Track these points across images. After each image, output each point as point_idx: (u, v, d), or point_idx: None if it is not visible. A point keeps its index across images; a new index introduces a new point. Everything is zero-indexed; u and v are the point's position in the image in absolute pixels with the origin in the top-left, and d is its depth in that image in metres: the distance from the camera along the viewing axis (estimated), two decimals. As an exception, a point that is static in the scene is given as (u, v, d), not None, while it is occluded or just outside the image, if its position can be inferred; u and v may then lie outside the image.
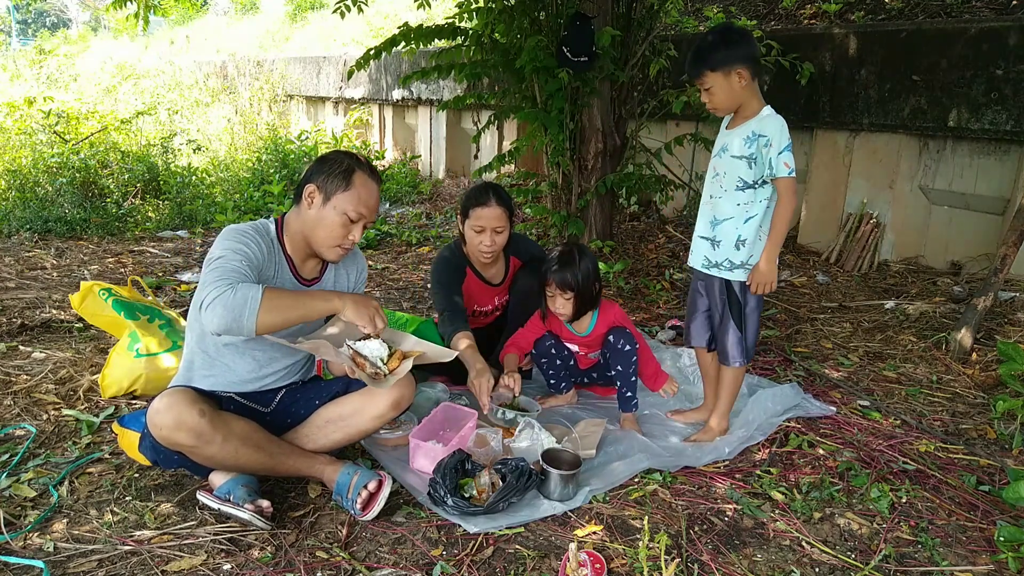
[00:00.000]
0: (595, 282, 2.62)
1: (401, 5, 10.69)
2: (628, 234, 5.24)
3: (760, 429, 2.56)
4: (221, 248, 1.96)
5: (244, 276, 1.88)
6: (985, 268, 3.89)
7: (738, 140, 2.27)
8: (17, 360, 3.01)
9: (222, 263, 1.90)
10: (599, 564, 1.80)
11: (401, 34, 4.25)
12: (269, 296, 1.82)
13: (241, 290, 1.80)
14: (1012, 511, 2.10)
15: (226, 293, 1.79)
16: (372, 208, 2.09)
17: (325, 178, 2.04)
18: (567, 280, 2.55)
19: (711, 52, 2.18)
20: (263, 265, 2.02)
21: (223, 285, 1.81)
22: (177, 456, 1.96)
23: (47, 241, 5.20)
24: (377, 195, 2.12)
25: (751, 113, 2.27)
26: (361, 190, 2.05)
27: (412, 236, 5.67)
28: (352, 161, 2.08)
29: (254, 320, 1.80)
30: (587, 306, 2.66)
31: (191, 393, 1.92)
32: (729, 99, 2.24)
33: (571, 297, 2.58)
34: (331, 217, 2.04)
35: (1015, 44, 3.67)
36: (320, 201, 2.04)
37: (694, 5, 6.59)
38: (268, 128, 9.24)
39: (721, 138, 2.36)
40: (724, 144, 2.33)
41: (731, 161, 2.29)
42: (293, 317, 1.89)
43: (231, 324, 1.79)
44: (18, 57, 12.38)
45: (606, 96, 4.43)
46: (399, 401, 2.14)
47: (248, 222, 2.10)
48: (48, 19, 27.73)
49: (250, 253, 1.97)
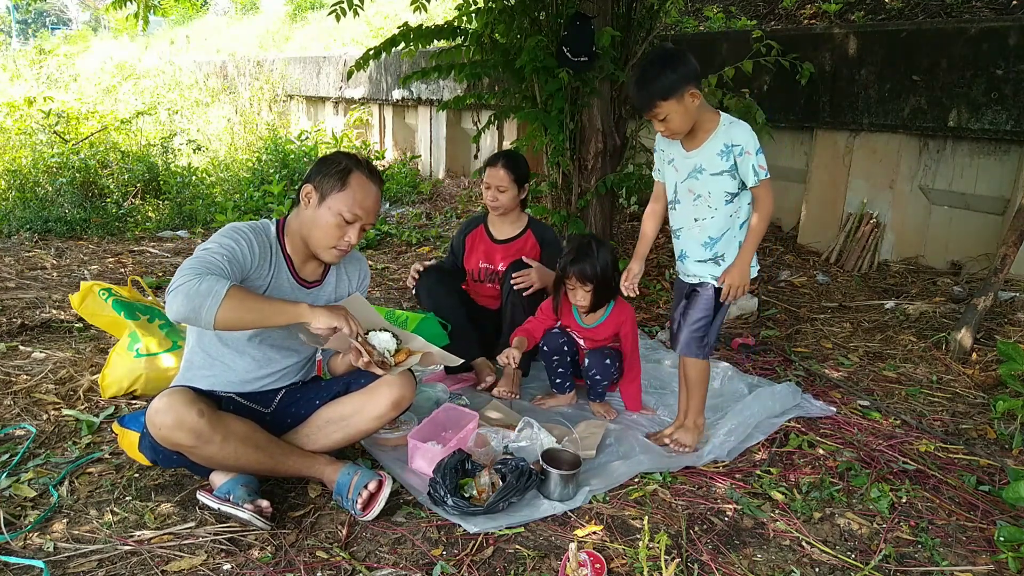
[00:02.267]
0: (614, 273, 2.64)
1: (401, 5, 10.68)
2: (628, 234, 5.23)
3: (760, 429, 2.56)
4: (211, 241, 1.96)
5: (219, 271, 1.86)
6: (985, 268, 3.89)
7: (712, 157, 2.24)
8: (17, 360, 3.01)
9: (203, 255, 1.89)
10: (599, 564, 1.80)
11: (401, 34, 4.25)
12: (233, 294, 1.79)
13: (207, 282, 1.78)
14: (1012, 511, 2.10)
15: (191, 282, 1.78)
16: (369, 209, 2.07)
17: (322, 178, 2.04)
18: (587, 272, 2.58)
19: (658, 81, 2.14)
20: (254, 265, 2.00)
21: (192, 274, 1.80)
22: (176, 456, 1.95)
23: (47, 241, 5.20)
24: (376, 196, 2.09)
25: (712, 126, 2.24)
26: (357, 191, 2.03)
27: (412, 236, 5.67)
28: (350, 162, 2.07)
29: (213, 314, 1.77)
30: (604, 298, 2.69)
31: (190, 393, 1.92)
32: (686, 122, 2.21)
33: (591, 289, 2.61)
34: (326, 217, 2.02)
35: (1015, 44, 3.67)
36: (316, 201, 2.04)
37: (694, 5, 6.58)
38: (268, 128, 9.24)
39: (686, 160, 2.31)
40: (696, 165, 2.28)
41: (712, 179, 2.26)
42: (249, 320, 1.86)
43: (189, 314, 1.78)
44: (18, 57, 12.37)
45: (606, 96, 4.43)
46: (399, 401, 2.13)
47: (249, 221, 2.10)
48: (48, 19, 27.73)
49: (237, 250, 1.95)
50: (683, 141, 2.31)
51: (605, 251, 2.63)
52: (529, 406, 2.83)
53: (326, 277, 2.22)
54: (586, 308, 2.70)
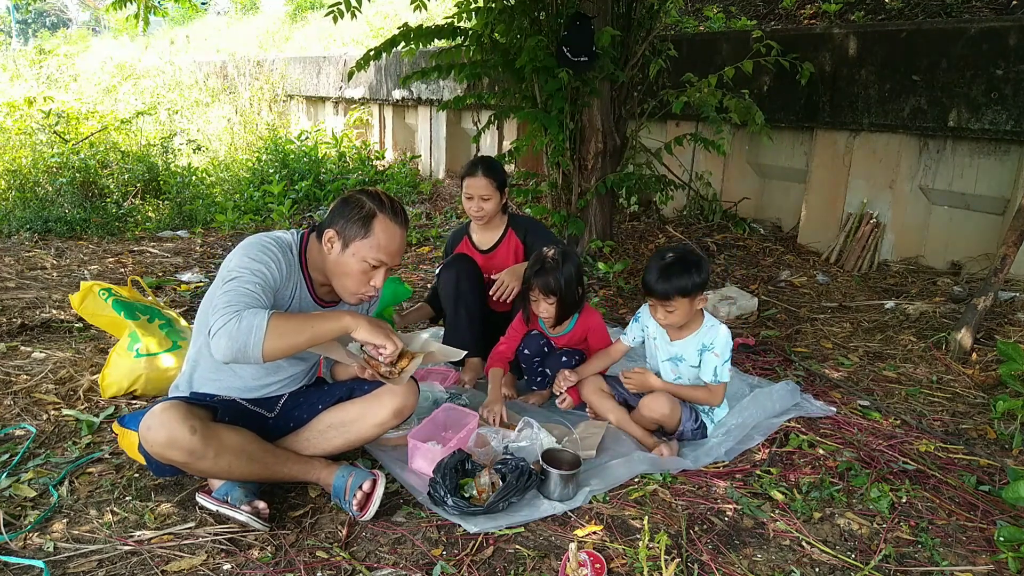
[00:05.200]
0: (578, 287, 2.64)
1: (401, 5, 10.68)
2: (628, 234, 5.24)
3: (760, 429, 2.56)
4: (239, 264, 1.89)
5: (255, 300, 1.82)
6: (985, 268, 3.89)
7: (691, 351, 2.48)
8: (17, 360, 3.01)
9: (235, 285, 1.84)
10: (599, 564, 1.80)
11: (401, 34, 4.25)
12: (275, 324, 1.75)
13: (246, 318, 1.74)
14: (1012, 511, 2.10)
15: (231, 323, 1.74)
16: (394, 253, 1.98)
17: (344, 223, 1.96)
18: (550, 285, 2.59)
19: (682, 279, 2.31)
20: (281, 284, 1.95)
21: (229, 313, 1.75)
22: (170, 467, 1.95)
23: (47, 241, 5.20)
24: (401, 239, 2.00)
25: (697, 326, 2.47)
26: (381, 236, 1.95)
27: (412, 236, 5.67)
28: (374, 204, 1.97)
29: (260, 349, 1.74)
30: (569, 310, 2.69)
31: (183, 408, 1.86)
32: (687, 318, 2.42)
33: (554, 302, 2.62)
34: (351, 264, 1.96)
35: (1015, 44, 3.67)
36: (339, 248, 1.97)
37: (694, 5, 6.58)
38: (268, 128, 9.24)
39: (668, 347, 2.52)
40: (677, 354, 2.51)
41: (691, 369, 2.51)
42: (301, 342, 1.82)
43: (237, 355, 1.75)
44: (18, 57, 12.36)
45: (606, 96, 4.43)
46: (401, 410, 2.13)
47: (273, 233, 2.03)
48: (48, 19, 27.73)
49: (268, 275, 1.90)
50: (669, 330, 2.50)
51: (570, 264, 2.61)
52: (523, 405, 2.82)
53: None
54: (550, 321, 2.69)
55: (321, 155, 7.98)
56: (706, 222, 5.32)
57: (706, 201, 5.37)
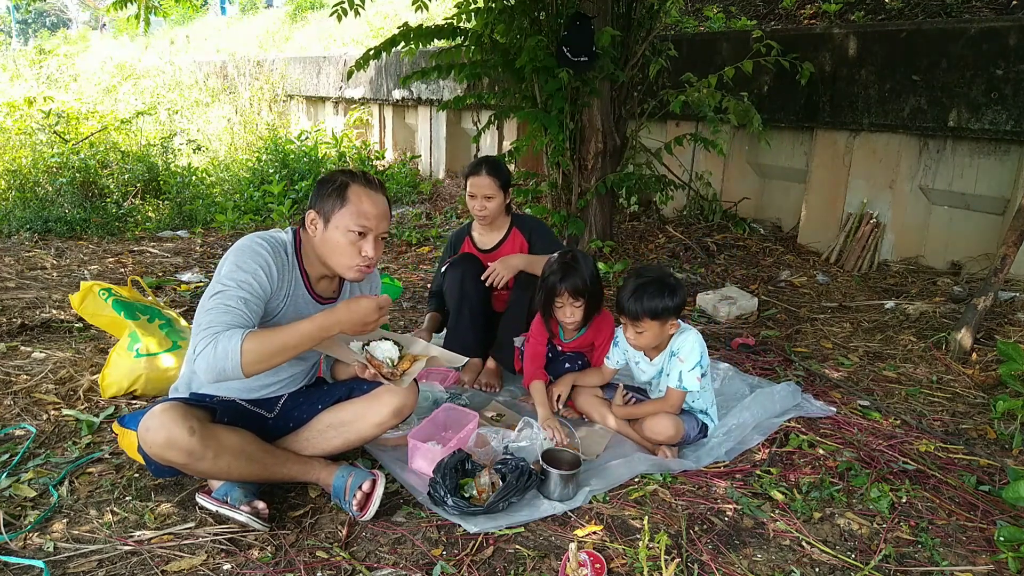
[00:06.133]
0: (600, 283, 2.63)
1: (401, 5, 10.68)
2: (628, 234, 5.24)
3: (760, 429, 2.56)
4: (227, 273, 1.89)
5: (237, 318, 1.82)
6: (985, 268, 3.89)
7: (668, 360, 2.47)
8: (17, 360, 3.01)
9: (219, 301, 1.84)
10: (599, 564, 1.80)
11: (401, 34, 4.25)
12: (248, 347, 1.76)
13: (222, 343, 1.76)
14: (1012, 511, 2.10)
15: (207, 349, 1.76)
16: (376, 216, 1.98)
17: (321, 201, 1.98)
18: (578, 286, 2.54)
19: (653, 301, 2.30)
20: (273, 288, 1.96)
21: (208, 336, 1.78)
22: (169, 468, 1.95)
23: (47, 241, 5.20)
24: (379, 202, 2.00)
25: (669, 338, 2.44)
26: (358, 202, 1.96)
27: (412, 236, 5.67)
28: (345, 176, 1.99)
29: (239, 372, 1.77)
30: (594, 310, 2.66)
31: (181, 409, 1.86)
32: (656, 341, 2.41)
33: (582, 304, 2.58)
34: (336, 238, 1.96)
35: (1015, 44, 3.67)
36: (322, 226, 1.98)
37: (694, 5, 6.58)
38: (268, 128, 9.24)
39: (651, 366, 2.51)
40: (658, 371, 2.50)
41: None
42: (278, 360, 1.85)
43: (218, 378, 1.80)
44: (18, 57, 12.37)
45: (606, 96, 4.43)
46: (401, 410, 2.13)
47: (267, 233, 2.03)
48: (48, 19, 27.73)
49: (255, 283, 1.90)
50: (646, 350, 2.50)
51: (588, 261, 2.60)
52: (523, 405, 2.82)
53: (340, 293, 2.20)
54: (577, 324, 2.65)
55: (321, 155, 7.98)
56: (706, 222, 5.32)
57: (706, 201, 5.37)
